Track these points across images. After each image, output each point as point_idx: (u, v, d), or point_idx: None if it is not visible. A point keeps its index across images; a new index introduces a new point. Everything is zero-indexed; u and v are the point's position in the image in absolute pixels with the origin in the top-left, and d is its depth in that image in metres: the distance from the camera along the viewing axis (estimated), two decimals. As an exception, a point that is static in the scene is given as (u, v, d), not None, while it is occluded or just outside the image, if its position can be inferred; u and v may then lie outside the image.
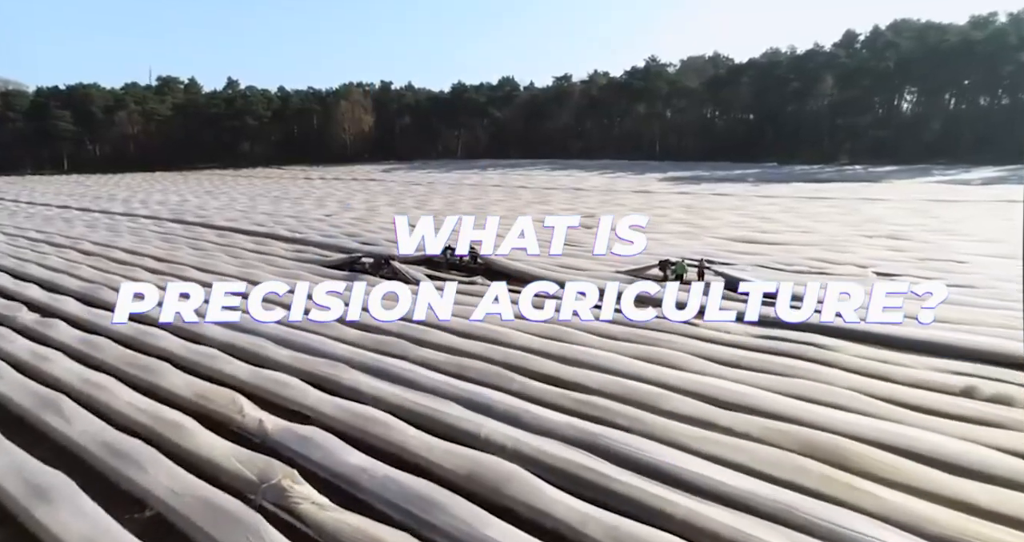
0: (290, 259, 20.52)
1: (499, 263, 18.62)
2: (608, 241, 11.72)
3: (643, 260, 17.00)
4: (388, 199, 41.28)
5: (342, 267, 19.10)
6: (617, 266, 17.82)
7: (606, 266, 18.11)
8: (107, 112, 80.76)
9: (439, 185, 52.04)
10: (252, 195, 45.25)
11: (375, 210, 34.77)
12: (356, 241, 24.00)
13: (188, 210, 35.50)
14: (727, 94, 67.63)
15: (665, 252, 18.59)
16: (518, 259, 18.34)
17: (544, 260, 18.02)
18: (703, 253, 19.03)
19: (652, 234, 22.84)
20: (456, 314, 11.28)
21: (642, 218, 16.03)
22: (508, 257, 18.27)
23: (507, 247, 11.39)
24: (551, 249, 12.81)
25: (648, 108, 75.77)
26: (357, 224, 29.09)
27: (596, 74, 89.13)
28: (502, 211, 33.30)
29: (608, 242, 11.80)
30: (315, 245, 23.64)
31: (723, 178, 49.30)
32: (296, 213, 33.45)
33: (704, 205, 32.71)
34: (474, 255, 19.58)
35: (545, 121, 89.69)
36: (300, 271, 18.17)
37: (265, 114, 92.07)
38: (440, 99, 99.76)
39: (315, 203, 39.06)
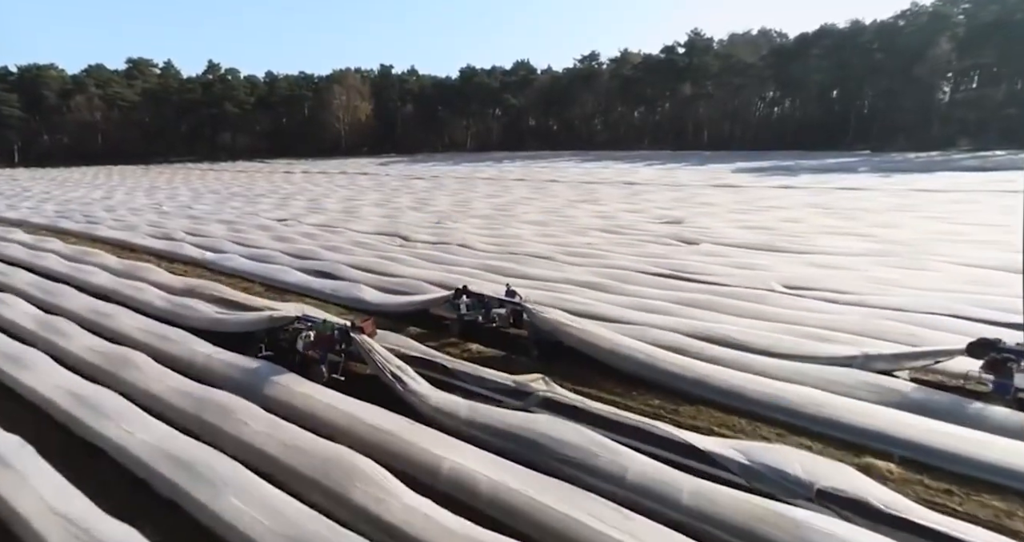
0: (156, 320, 10.68)
1: (568, 330, 8.70)
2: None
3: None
4: (378, 196, 31.48)
5: (249, 341, 9.20)
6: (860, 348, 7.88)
7: (803, 338, 8.13)
8: (63, 96, 71.81)
9: (446, 180, 42.27)
10: (201, 192, 35.68)
11: (354, 212, 24.93)
12: (303, 267, 14.15)
13: (75, 210, 25.93)
14: (795, 69, 57.16)
15: (971, 329, 8.55)
16: (604, 317, 8.70)
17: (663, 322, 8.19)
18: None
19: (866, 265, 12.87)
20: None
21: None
22: (582, 313, 8.56)
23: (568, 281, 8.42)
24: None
25: (695, 89, 65.46)
26: (319, 234, 19.25)
27: (627, 53, 78.94)
28: (535, 213, 23.40)
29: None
30: (223, 275, 13.79)
31: (820, 168, 39.03)
32: (237, 217, 23.69)
33: (844, 205, 22.44)
34: (515, 310, 9.81)
35: (568, 108, 79.69)
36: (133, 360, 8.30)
37: (248, 100, 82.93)
38: (447, 85, 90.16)
39: (277, 202, 29.31)
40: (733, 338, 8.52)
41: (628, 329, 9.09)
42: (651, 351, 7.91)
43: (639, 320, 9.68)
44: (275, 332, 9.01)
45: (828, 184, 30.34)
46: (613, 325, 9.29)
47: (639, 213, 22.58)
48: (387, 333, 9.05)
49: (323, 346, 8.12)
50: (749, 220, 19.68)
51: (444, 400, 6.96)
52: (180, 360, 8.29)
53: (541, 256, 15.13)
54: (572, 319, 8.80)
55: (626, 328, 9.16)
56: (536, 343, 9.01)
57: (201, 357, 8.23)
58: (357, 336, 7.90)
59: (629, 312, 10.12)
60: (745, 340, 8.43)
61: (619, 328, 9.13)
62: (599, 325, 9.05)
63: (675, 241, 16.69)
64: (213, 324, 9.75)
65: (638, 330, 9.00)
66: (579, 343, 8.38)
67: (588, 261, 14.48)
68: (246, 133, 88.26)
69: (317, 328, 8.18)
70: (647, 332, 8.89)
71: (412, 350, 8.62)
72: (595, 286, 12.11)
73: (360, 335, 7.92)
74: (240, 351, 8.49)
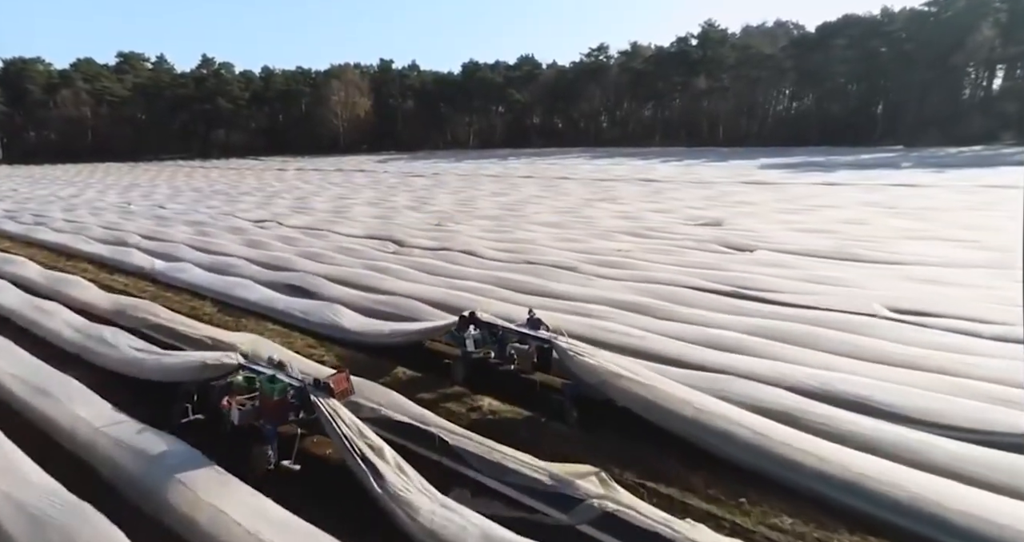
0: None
1: (625, 386, 6.02)
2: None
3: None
4: (372, 195, 28.93)
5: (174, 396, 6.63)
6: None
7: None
8: (48, 91, 69.47)
9: (447, 177, 39.72)
10: (182, 190, 33.18)
11: (344, 212, 22.37)
12: (271, 281, 11.59)
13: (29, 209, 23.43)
14: (817, 61, 54.29)
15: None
16: (662, 357, 6.36)
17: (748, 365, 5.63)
18: None
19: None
20: None
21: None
22: (630, 349, 7.08)
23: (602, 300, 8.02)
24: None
25: (710, 82, 62.68)
26: (298, 239, 16.68)
27: (638, 45, 76.28)
28: (548, 213, 20.83)
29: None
30: (171, 290, 11.22)
31: (857, 164, 36.14)
32: (211, 217, 21.15)
33: (907, 204, 19.70)
34: (543, 348, 7.22)
35: (574, 104, 77.03)
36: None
37: (242, 96, 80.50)
38: (449, 81, 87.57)
39: (260, 201, 26.78)
40: (869, 398, 5.90)
41: (702, 379, 6.49)
42: (757, 424, 5.28)
43: (712, 362, 7.07)
44: (209, 386, 6.43)
45: (876, 180, 27.57)
46: (680, 372, 6.68)
47: (668, 213, 19.94)
48: (363, 383, 6.46)
49: (271, 417, 5.53)
50: (802, 221, 17.03)
51: (443, 518, 4.35)
52: (52, 430, 5.71)
53: (563, 266, 12.53)
54: (628, 367, 6.18)
55: (698, 377, 6.56)
56: (574, 400, 6.41)
57: (85, 428, 5.64)
58: (321, 401, 5.30)
59: (695, 349, 7.51)
60: (888, 401, 5.81)
61: (688, 376, 6.54)
62: (662, 372, 6.46)
63: (722, 247, 14.07)
64: (127, 367, 7.18)
65: (718, 381, 6.40)
66: (643, 406, 5.75)
67: (622, 273, 11.88)
68: (241, 130, 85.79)
69: (264, 389, 5.57)
70: (731, 384, 6.29)
71: (398, 411, 6.06)
72: (638, 308, 9.50)
73: (326, 400, 5.33)
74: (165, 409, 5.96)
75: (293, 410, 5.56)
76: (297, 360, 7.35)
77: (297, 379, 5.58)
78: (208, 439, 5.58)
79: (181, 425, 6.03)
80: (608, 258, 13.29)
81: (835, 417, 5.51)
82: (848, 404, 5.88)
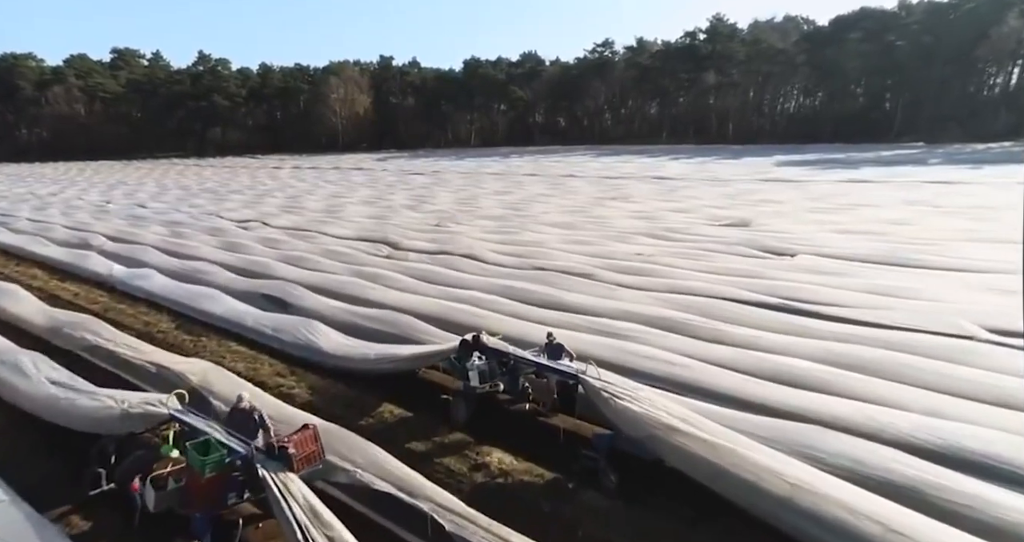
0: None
1: (681, 446, 4.38)
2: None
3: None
4: (368, 193, 27.44)
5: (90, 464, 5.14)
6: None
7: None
8: (39, 87, 68.11)
9: (448, 175, 38.21)
10: (169, 188, 31.73)
11: (337, 211, 20.89)
12: (243, 291, 10.12)
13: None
14: (831, 55, 52.53)
15: None
16: (715, 393, 4.97)
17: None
18: None
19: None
20: None
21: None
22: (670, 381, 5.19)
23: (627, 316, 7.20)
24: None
25: (719, 77, 61.00)
26: (283, 241, 15.19)
27: (644, 41, 74.64)
28: (557, 213, 19.35)
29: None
30: (127, 301, 9.77)
31: (881, 160, 34.49)
32: (191, 217, 19.71)
33: (953, 202, 18.10)
34: (566, 383, 5.69)
35: (578, 101, 75.42)
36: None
37: (238, 93, 78.99)
38: (450, 78, 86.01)
39: (249, 200, 25.31)
40: (1008, 460, 4.39)
41: (778, 429, 5.00)
42: (882, 512, 3.76)
43: (783, 403, 5.57)
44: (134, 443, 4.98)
45: (906, 177, 25.97)
46: (745, 417, 5.19)
47: (687, 213, 18.42)
48: (337, 433, 4.98)
49: (202, 502, 4.04)
50: (839, 221, 15.49)
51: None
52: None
53: (578, 273, 11.04)
54: (685, 416, 4.68)
55: (771, 426, 5.07)
56: (610, 458, 4.91)
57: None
58: (272, 477, 3.81)
59: (757, 384, 6.01)
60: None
61: (759, 425, 5.05)
62: (719, 417, 4.98)
63: (756, 250, 12.55)
64: (36, 406, 5.71)
65: (801, 434, 4.90)
66: (710, 474, 4.25)
67: (647, 282, 10.37)
68: (238, 128, 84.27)
69: (193, 463, 4.06)
70: (821, 440, 4.79)
71: (380, 474, 4.59)
72: (674, 325, 8.00)
73: (277, 475, 3.83)
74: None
75: (234, 489, 4.07)
76: (259, 397, 5.88)
77: (241, 445, 4.08)
78: (120, 528, 4.11)
79: (90, 494, 4.57)
80: (628, 263, 11.80)
81: (981, 497, 3.99)
82: (982, 471, 4.38)
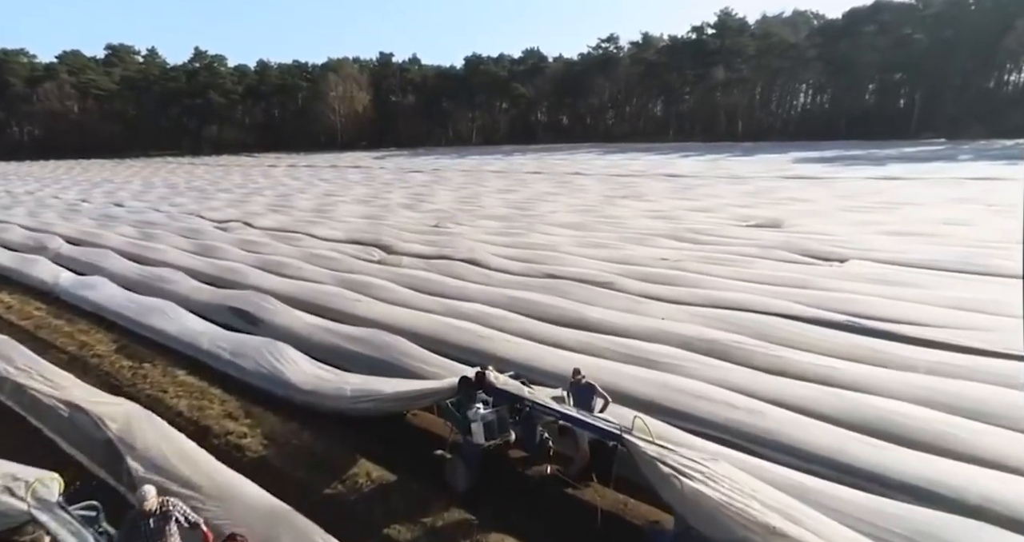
0: None
1: (765, 536, 2.79)
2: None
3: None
4: (364, 192, 26.00)
5: None
6: None
7: None
8: (31, 84, 66.79)
9: (448, 173, 36.76)
10: (155, 187, 30.32)
11: (328, 211, 19.44)
12: (207, 303, 8.68)
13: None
14: (844, 49, 50.91)
15: None
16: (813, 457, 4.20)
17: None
18: None
19: None
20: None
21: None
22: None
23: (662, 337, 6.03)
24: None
25: (728, 73, 59.40)
26: (264, 244, 13.72)
27: (650, 36, 73.07)
28: (566, 212, 17.91)
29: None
30: (66, 315, 8.31)
31: (907, 157, 32.90)
32: (169, 217, 18.27)
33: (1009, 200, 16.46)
34: (603, 442, 4.05)
35: (582, 98, 73.92)
36: None
37: (235, 90, 77.62)
38: (451, 75, 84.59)
39: (237, 199, 23.87)
40: None
41: (907, 523, 3.51)
42: None
43: (909, 475, 4.10)
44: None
45: (940, 174, 24.34)
46: (852, 497, 3.73)
47: (710, 212, 16.92)
48: (283, 516, 3.52)
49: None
50: (884, 222, 13.97)
51: None
52: None
53: (594, 281, 9.57)
54: (788, 508, 3.20)
55: (894, 516, 3.58)
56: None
57: None
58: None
59: (854, 442, 4.52)
60: None
61: (878, 513, 3.57)
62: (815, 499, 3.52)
63: (798, 255, 11.06)
64: None
65: (947, 530, 3.41)
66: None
67: (678, 293, 8.90)
68: (234, 125, 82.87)
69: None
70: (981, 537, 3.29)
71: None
72: (721, 350, 6.54)
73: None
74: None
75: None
76: (189, 460, 4.44)
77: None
78: None
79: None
80: (653, 270, 10.32)
81: None
82: None
